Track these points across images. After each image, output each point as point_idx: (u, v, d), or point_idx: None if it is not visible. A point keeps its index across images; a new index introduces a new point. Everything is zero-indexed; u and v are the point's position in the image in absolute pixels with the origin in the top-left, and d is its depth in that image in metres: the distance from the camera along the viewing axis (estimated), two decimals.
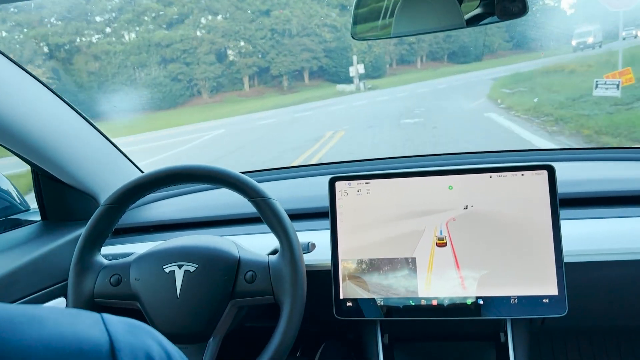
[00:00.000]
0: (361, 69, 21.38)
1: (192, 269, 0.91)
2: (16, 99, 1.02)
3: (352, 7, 0.98)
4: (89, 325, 0.34)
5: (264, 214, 0.92)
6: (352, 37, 1.00)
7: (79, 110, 1.19)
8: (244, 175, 0.94)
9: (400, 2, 0.93)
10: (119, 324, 0.36)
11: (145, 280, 0.92)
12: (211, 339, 0.91)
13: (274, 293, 0.90)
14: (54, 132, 1.12)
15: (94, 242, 0.95)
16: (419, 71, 25.70)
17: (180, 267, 0.91)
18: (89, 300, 0.93)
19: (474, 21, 0.96)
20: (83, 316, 0.35)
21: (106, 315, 0.36)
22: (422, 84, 18.29)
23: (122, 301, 0.94)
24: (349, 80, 21.77)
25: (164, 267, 0.92)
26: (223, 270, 0.91)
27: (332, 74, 24.81)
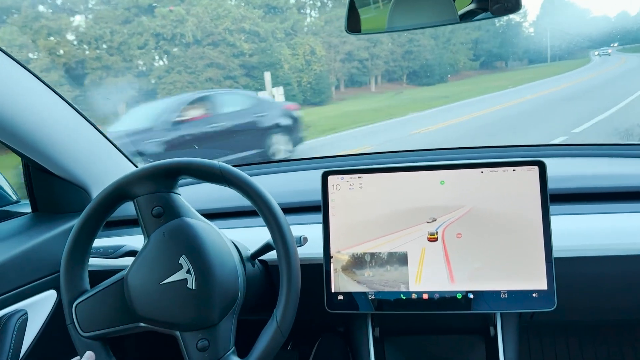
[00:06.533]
0: (279, 94, 13.16)
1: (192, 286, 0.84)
2: (6, 90, 1.01)
3: (347, 1, 0.98)
4: None
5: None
6: (346, 32, 1.00)
7: (70, 101, 1.18)
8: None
9: None
10: None
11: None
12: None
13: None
14: (45, 124, 1.11)
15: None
16: (374, 95, 18.95)
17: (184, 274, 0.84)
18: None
19: (467, 17, 0.96)
20: None
21: None
22: (384, 125, 10.36)
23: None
24: None
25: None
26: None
27: None
